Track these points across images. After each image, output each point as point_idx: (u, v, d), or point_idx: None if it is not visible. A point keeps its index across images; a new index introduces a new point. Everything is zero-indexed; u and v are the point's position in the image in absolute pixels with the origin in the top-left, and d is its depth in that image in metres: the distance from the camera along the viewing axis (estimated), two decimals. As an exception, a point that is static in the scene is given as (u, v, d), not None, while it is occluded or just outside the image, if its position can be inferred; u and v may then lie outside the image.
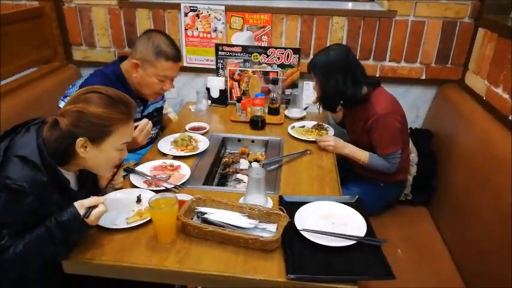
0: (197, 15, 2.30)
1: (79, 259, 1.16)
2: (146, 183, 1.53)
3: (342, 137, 1.93)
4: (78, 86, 1.70)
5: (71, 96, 1.17)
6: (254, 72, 2.34)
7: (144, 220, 1.29)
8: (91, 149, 1.14)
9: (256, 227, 1.24)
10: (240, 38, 2.33)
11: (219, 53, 2.36)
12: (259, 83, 2.36)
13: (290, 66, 2.32)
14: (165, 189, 1.48)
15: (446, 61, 2.27)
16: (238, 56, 2.34)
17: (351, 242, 1.21)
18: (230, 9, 2.28)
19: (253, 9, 2.26)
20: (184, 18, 2.32)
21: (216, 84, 2.37)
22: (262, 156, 1.90)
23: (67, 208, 1.10)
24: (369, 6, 2.40)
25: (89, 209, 1.11)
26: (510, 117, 1.68)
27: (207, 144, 1.85)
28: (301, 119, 2.21)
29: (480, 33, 2.08)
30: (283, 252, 1.19)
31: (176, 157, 1.73)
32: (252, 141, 2.01)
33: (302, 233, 1.24)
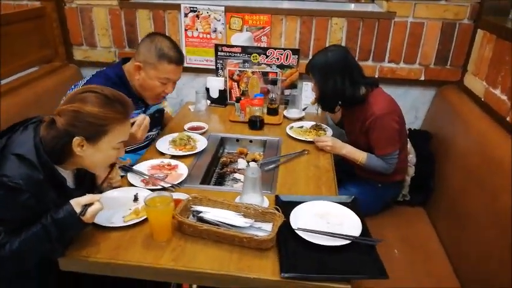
0: (197, 16, 2.31)
1: (75, 256, 1.16)
2: (143, 182, 1.54)
3: (341, 138, 1.94)
4: (81, 86, 1.71)
5: (68, 95, 1.19)
6: (253, 72, 2.35)
7: (140, 218, 1.29)
8: (87, 148, 1.15)
9: (251, 226, 1.25)
10: (239, 38, 2.34)
11: (219, 54, 2.37)
12: (259, 83, 2.37)
13: (289, 66, 2.33)
14: (162, 188, 1.49)
15: (445, 62, 2.27)
16: (238, 56, 2.35)
17: (345, 241, 1.21)
18: (230, 10, 2.28)
19: (253, 10, 2.27)
20: (184, 19, 2.33)
21: (215, 84, 2.38)
22: (260, 156, 1.91)
23: (63, 206, 1.11)
24: (371, 7, 2.40)
25: (85, 207, 1.12)
26: (508, 118, 1.68)
27: (205, 144, 1.85)
28: (300, 120, 2.21)
29: (479, 35, 2.08)
30: (278, 251, 1.19)
31: (174, 156, 1.74)
32: (250, 141, 2.02)
33: (297, 232, 1.24)
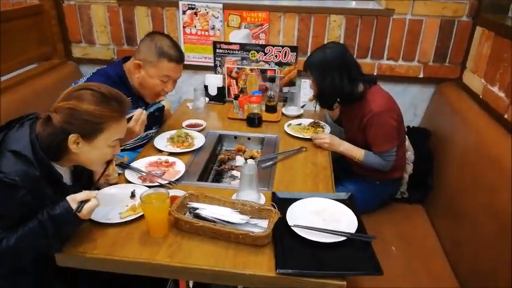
0: (195, 13, 2.31)
1: (72, 252, 1.17)
2: (141, 179, 1.54)
3: (339, 135, 1.94)
4: None
5: (64, 92, 1.18)
6: (252, 70, 2.35)
7: (137, 215, 1.30)
8: (83, 145, 1.15)
9: (247, 223, 1.25)
10: (237, 35, 2.34)
11: (217, 51, 2.37)
12: (257, 80, 2.36)
13: (287, 64, 2.32)
14: (159, 185, 1.49)
15: (444, 60, 2.27)
16: (236, 53, 2.35)
17: (341, 238, 1.21)
18: (228, 7, 2.28)
19: (251, 7, 2.27)
20: (182, 16, 2.33)
21: (213, 81, 2.38)
22: (258, 154, 1.91)
23: (59, 202, 1.11)
24: (372, 5, 2.39)
25: (81, 203, 1.12)
26: (506, 116, 1.68)
27: (203, 141, 1.85)
28: (298, 117, 2.21)
29: (478, 32, 2.07)
30: (273, 248, 1.20)
31: (172, 153, 1.74)
32: (248, 139, 2.02)
33: (293, 228, 1.24)
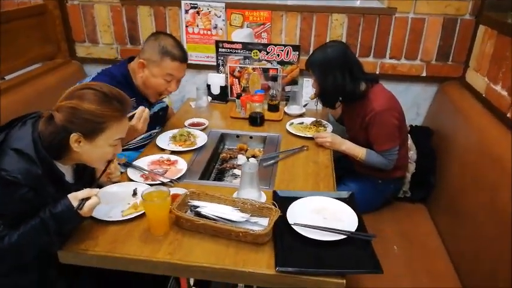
0: (197, 13, 2.32)
1: (74, 249, 1.18)
2: (143, 177, 1.55)
3: (342, 134, 1.94)
4: None
5: (67, 91, 1.19)
6: (254, 69, 2.35)
7: (138, 213, 1.31)
8: (84, 144, 1.16)
9: (247, 221, 1.26)
10: (240, 35, 2.34)
11: (220, 50, 2.37)
12: (259, 79, 2.37)
13: (290, 63, 2.32)
14: (160, 183, 1.50)
15: (447, 58, 2.26)
16: (239, 53, 2.35)
17: (341, 236, 1.22)
18: (230, 7, 2.29)
19: (253, 6, 2.27)
20: (184, 15, 2.34)
21: (216, 81, 2.39)
22: (260, 152, 1.91)
23: (61, 200, 1.13)
24: (374, 3, 2.36)
25: (82, 201, 1.13)
26: (508, 114, 1.67)
27: (205, 140, 1.86)
28: (300, 116, 2.21)
29: (481, 31, 2.06)
30: (274, 246, 1.20)
31: (174, 152, 1.75)
32: (251, 137, 2.02)
33: (293, 227, 1.25)
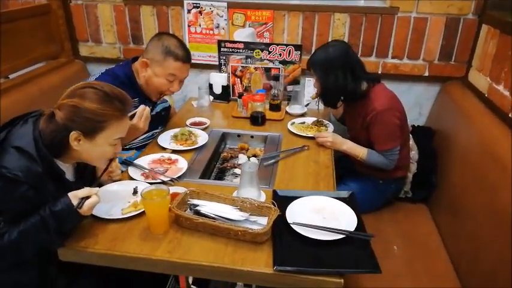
0: (200, 12, 2.32)
1: (74, 247, 1.19)
2: (143, 175, 1.56)
3: (343, 134, 1.94)
4: None
5: (68, 90, 1.20)
6: (256, 68, 2.36)
7: (138, 211, 1.32)
8: (84, 142, 1.17)
9: (246, 220, 1.26)
10: (242, 34, 2.34)
11: (222, 50, 2.38)
12: (261, 79, 2.37)
13: (292, 62, 2.33)
14: (161, 181, 1.51)
15: (449, 58, 2.25)
16: (241, 52, 2.36)
17: (340, 236, 1.22)
18: (232, 6, 2.29)
19: (255, 6, 2.27)
20: (187, 15, 2.35)
21: (218, 80, 2.39)
22: (261, 152, 1.91)
23: (61, 198, 1.13)
24: (376, 3, 2.36)
25: (82, 200, 1.14)
26: (510, 114, 1.66)
27: (206, 139, 1.87)
28: (302, 115, 2.21)
29: (484, 30, 2.05)
30: (272, 245, 1.20)
31: (175, 151, 1.76)
32: (252, 137, 2.03)
33: (292, 226, 1.25)
